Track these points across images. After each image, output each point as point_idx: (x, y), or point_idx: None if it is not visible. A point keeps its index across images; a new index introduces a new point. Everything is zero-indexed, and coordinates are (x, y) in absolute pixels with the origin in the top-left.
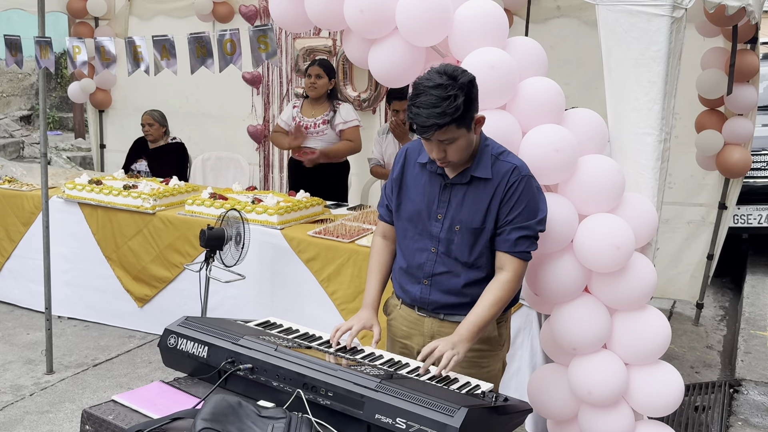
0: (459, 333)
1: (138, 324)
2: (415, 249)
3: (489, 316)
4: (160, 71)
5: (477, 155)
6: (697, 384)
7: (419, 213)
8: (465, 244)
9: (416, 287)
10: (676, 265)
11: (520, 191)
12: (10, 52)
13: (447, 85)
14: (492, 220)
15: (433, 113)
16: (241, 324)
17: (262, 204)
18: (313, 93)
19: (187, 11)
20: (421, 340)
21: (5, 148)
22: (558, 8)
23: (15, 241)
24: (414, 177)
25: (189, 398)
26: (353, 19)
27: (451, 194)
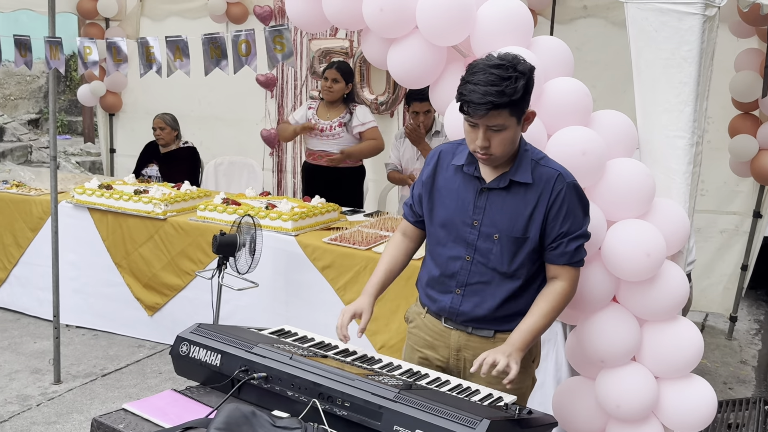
0: (512, 342)
1: (148, 333)
2: (448, 257)
3: (543, 325)
4: (173, 72)
5: (516, 159)
6: (730, 400)
7: (452, 219)
8: (505, 254)
9: (447, 297)
10: (709, 276)
11: (568, 200)
12: (19, 52)
13: (508, 67)
14: (536, 229)
15: (491, 91)
16: (255, 332)
17: (276, 210)
18: (329, 97)
19: (201, 12)
20: (446, 352)
21: (13, 152)
22: (584, 8)
23: (23, 247)
24: (447, 180)
25: (201, 407)
26: (372, 18)
27: (488, 200)
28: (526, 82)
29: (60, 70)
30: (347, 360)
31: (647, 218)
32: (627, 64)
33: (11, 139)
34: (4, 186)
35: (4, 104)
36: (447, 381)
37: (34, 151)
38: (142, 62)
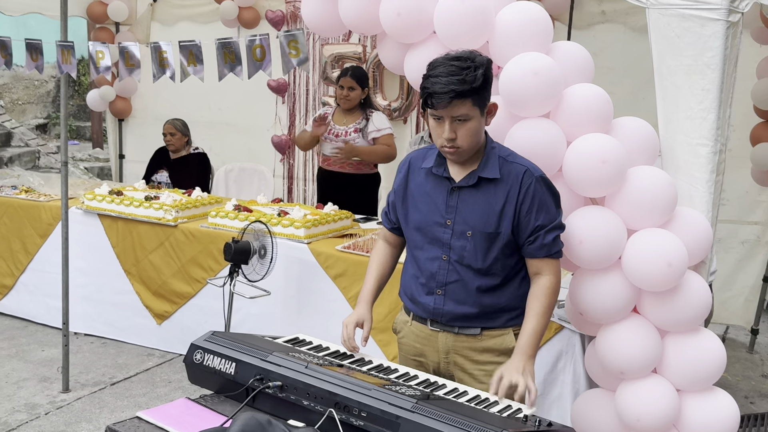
0: (520, 352)
1: (157, 342)
2: (426, 258)
3: (543, 324)
4: (186, 78)
5: (484, 157)
6: (752, 415)
7: (426, 221)
8: (478, 250)
9: (429, 298)
10: (730, 288)
11: (539, 194)
12: (30, 56)
13: (466, 59)
14: (507, 225)
15: (453, 80)
16: (269, 340)
17: (288, 217)
18: (345, 105)
19: (212, 16)
20: (436, 356)
21: (20, 157)
22: (603, 13)
23: (31, 253)
24: (419, 185)
25: (215, 416)
26: (390, 22)
27: (459, 199)
28: (485, 71)
29: (72, 75)
30: (363, 369)
31: (669, 227)
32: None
33: (19, 144)
34: (13, 191)
35: (12, 109)
36: (465, 392)
37: (42, 157)
38: (155, 67)
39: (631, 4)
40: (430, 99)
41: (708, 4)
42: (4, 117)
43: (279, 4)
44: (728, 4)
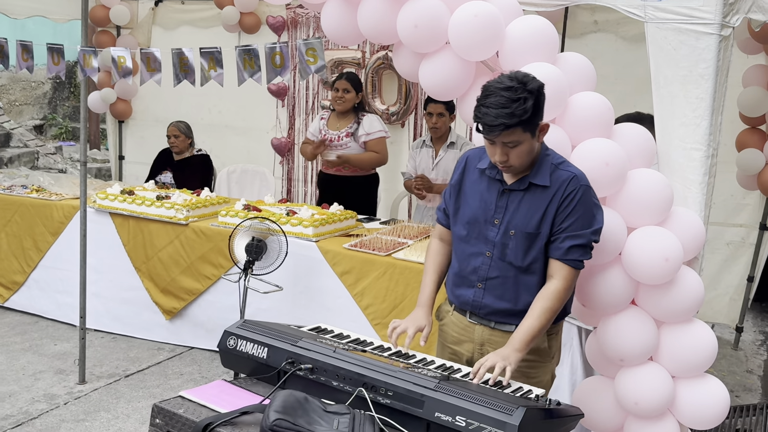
0: (510, 344)
1: (166, 336)
2: (470, 253)
3: (540, 325)
4: (207, 81)
5: (537, 163)
6: (737, 407)
7: (476, 217)
8: (519, 249)
9: (470, 291)
10: (715, 288)
11: (576, 200)
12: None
13: (517, 88)
14: (547, 226)
15: (502, 113)
16: (295, 328)
17: (297, 216)
18: (339, 107)
19: (213, 21)
20: (471, 347)
21: (20, 158)
22: (595, 23)
23: (42, 251)
24: (473, 183)
25: (251, 395)
26: (406, 33)
27: (508, 200)
28: (536, 100)
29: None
30: (384, 355)
31: (665, 225)
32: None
33: (18, 145)
34: (24, 191)
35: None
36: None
37: (41, 157)
38: (176, 72)
39: (623, 14)
40: (481, 127)
41: (702, 19)
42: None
43: (280, 10)
44: (721, 19)
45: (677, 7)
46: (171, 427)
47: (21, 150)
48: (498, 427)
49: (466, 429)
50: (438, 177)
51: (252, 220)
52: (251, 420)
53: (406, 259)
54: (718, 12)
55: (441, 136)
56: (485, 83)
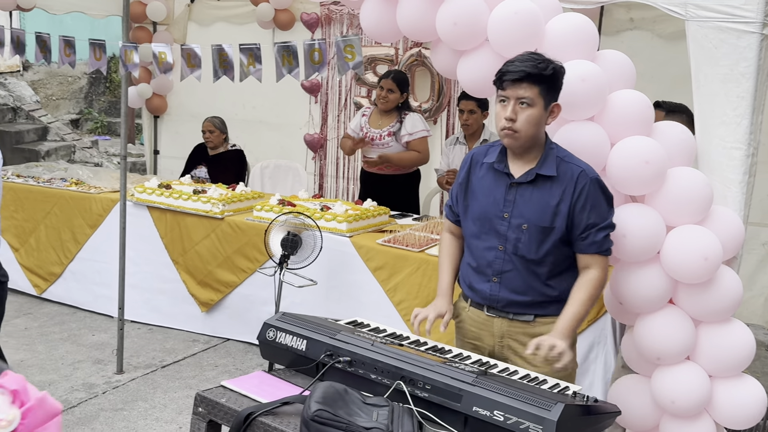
0: (557, 330)
1: (202, 328)
2: (484, 248)
3: (583, 312)
4: (246, 77)
5: (543, 155)
6: None
7: (485, 213)
8: (532, 242)
9: (486, 285)
10: (750, 288)
11: (592, 194)
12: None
13: (541, 55)
14: (562, 221)
15: (526, 64)
16: (333, 321)
17: (331, 211)
18: (383, 106)
19: (248, 18)
20: (491, 340)
21: (57, 151)
22: (631, 20)
23: (81, 243)
24: (480, 179)
25: (291, 386)
26: (446, 31)
27: (517, 193)
28: (555, 72)
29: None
30: (421, 349)
31: (705, 224)
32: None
33: (55, 139)
34: (63, 184)
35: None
36: (516, 371)
37: (77, 151)
38: (215, 67)
39: (659, 12)
40: (502, 77)
41: (744, 18)
42: (40, 112)
43: (314, 7)
44: (762, 18)
45: (719, 6)
46: (213, 415)
47: (58, 144)
48: (537, 423)
49: (504, 424)
50: None
51: (287, 215)
52: (292, 410)
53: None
54: (759, 11)
55: (474, 133)
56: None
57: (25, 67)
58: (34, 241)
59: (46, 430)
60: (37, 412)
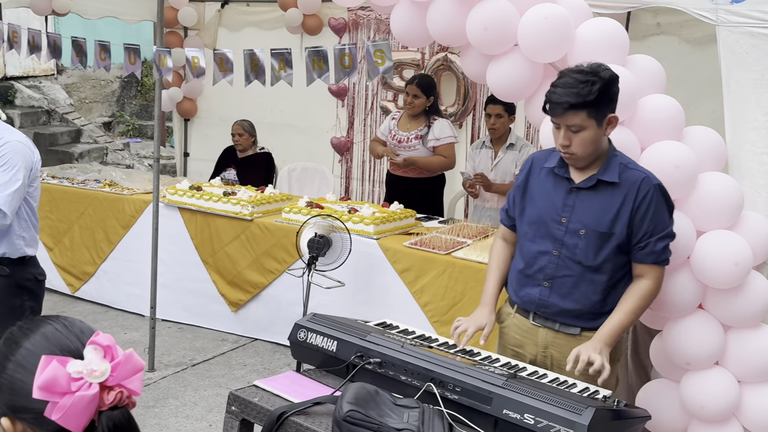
0: (600, 338)
1: (231, 327)
2: (537, 252)
3: (629, 322)
4: (277, 81)
5: (605, 161)
6: None
7: (542, 216)
8: (590, 248)
9: (535, 290)
10: None
11: (655, 202)
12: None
13: (588, 72)
14: (622, 227)
15: (568, 92)
16: (362, 323)
17: (358, 214)
18: (410, 111)
19: (276, 23)
20: (534, 349)
21: (90, 153)
22: (658, 25)
23: (113, 243)
24: (539, 183)
25: (321, 387)
26: (476, 36)
27: (576, 199)
28: (605, 86)
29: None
30: (451, 351)
31: (735, 229)
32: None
33: (88, 141)
34: (97, 185)
35: (80, 107)
36: (545, 374)
37: (110, 153)
38: (247, 72)
39: (686, 16)
40: (547, 106)
41: None
42: (74, 114)
43: (342, 12)
44: None
45: (750, 11)
46: (246, 414)
47: (91, 146)
48: (567, 426)
49: (534, 427)
50: (497, 177)
51: (318, 217)
52: (323, 410)
53: (466, 258)
54: None
55: (500, 137)
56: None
57: (60, 71)
58: (68, 241)
59: (131, 383)
60: (125, 366)
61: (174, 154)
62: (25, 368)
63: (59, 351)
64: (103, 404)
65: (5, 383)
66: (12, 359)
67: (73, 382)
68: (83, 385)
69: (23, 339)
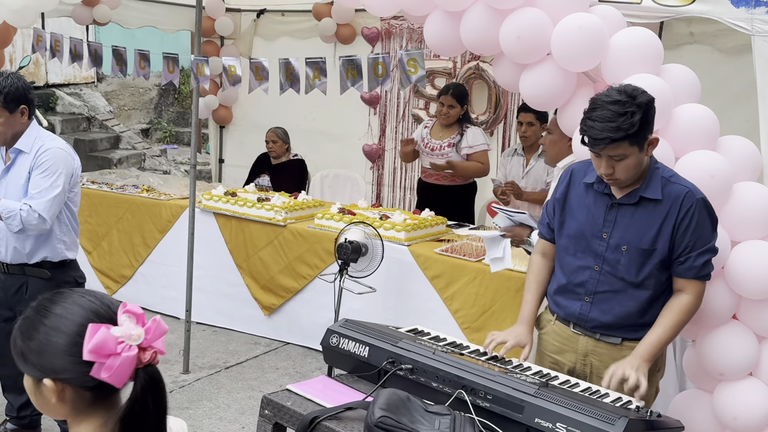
0: (639, 354)
1: (264, 331)
2: (577, 266)
3: (669, 337)
4: (312, 89)
5: (647, 177)
6: None
7: (582, 231)
8: (633, 264)
9: (576, 304)
10: None
11: (697, 216)
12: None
13: (625, 102)
14: (664, 243)
15: (608, 127)
16: (394, 329)
17: (390, 220)
18: (444, 121)
19: (310, 33)
20: (573, 357)
21: (128, 159)
22: (691, 35)
23: (150, 247)
24: (579, 197)
25: (353, 392)
26: (509, 45)
27: (618, 214)
28: (644, 114)
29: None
30: (482, 359)
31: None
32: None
33: (127, 147)
34: (135, 190)
35: (119, 114)
36: (577, 383)
37: (147, 159)
38: (282, 80)
39: (720, 26)
40: (587, 140)
41: None
42: (113, 121)
43: (374, 22)
44: None
45: None
46: (279, 418)
47: (129, 152)
48: None
49: None
50: (527, 185)
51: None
52: (355, 416)
53: None
54: None
55: (532, 145)
56: (593, 96)
57: (99, 79)
58: (106, 245)
59: (159, 344)
60: (155, 330)
61: (209, 160)
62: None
63: (96, 318)
64: (140, 363)
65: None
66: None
67: (118, 345)
68: (125, 348)
69: (56, 307)
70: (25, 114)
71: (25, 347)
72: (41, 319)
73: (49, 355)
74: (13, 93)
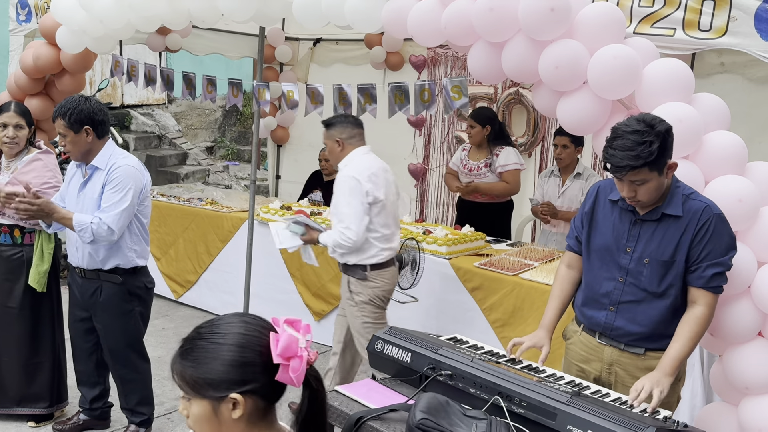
0: (661, 368)
1: (314, 336)
2: (603, 278)
3: (688, 349)
4: (363, 113)
5: (668, 195)
6: None
7: (608, 246)
8: (654, 276)
9: (601, 313)
10: None
11: (712, 229)
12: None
13: (644, 132)
14: (682, 254)
15: (628, 156)
16: (434, 337)
17: (432, 235)
18: (471, 141)
19: (362, 60)
20: (599, 366)
21: (194, 174)
22: (722, 64)
23: (213, 255)
24: (604, 213)
25: (396, 395)
26: (548, 74)
27: (641, 230)
28: (662, 142)
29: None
30: (517, 367)
31: None
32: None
33: (193, 163)
34: (200, 203)
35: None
36: (608, 393)
37: (211, 174)
38: (336, 105)
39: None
40: (609, 166)
41: None
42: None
43: (422, 50)
44: None
45: None
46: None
47: (195, 168)
48: None
49: None
50: (563, 205)
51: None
52: (398, 417)
53: (533, 279)
54: None
55: (567, 167)
56: (614, 125)
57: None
58: (173, 252)
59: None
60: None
61: (267, 176)
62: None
63: (266, 330)
64: (309, 362)
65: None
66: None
67: (299, 347)
68: (301, 349)
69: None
70: (90, 134)
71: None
72: (211, 340)
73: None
74: (77, 115)
